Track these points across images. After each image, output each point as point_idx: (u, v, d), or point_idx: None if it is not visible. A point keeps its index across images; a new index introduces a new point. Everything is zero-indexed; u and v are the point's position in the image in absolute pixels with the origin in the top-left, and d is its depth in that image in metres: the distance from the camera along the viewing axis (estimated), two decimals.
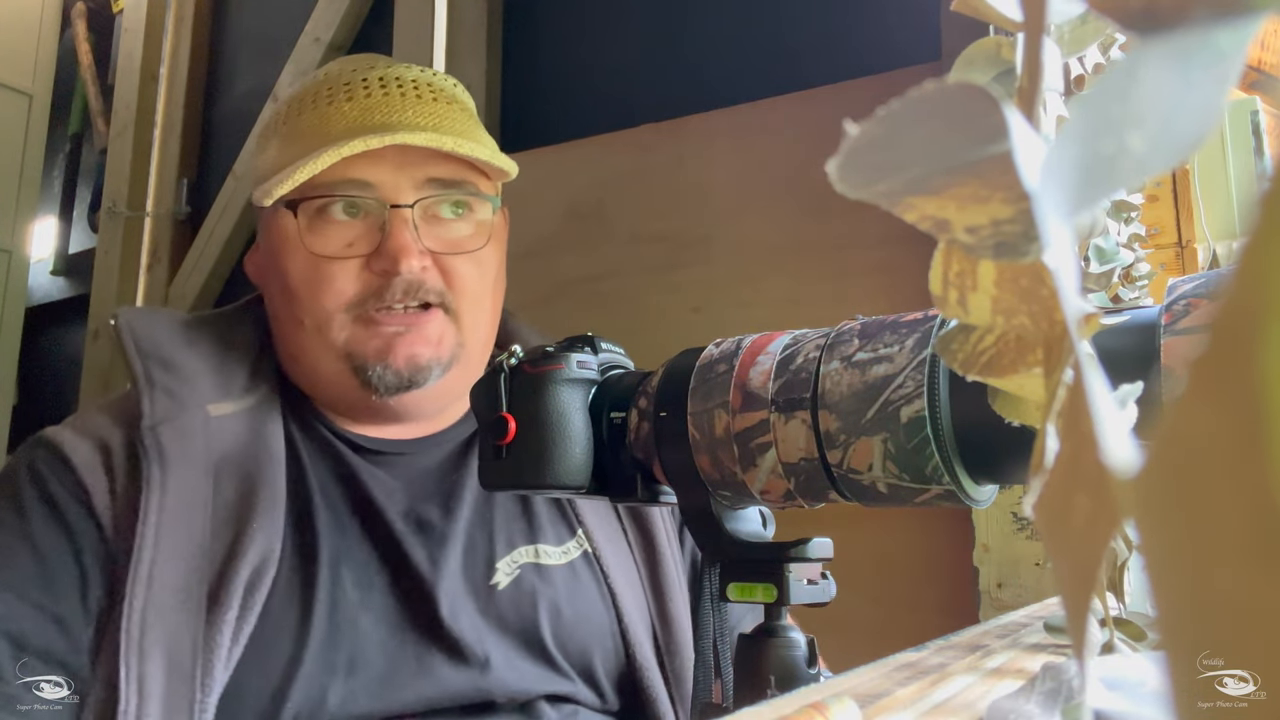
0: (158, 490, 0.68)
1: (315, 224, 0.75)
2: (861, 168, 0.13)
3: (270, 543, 0.69)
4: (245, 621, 0.66)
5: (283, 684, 0.66)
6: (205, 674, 0.64)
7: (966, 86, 0.12)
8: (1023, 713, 0.31)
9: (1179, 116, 0.11)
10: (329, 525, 0.74)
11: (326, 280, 0.75)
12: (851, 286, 1.29)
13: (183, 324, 0.80)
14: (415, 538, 0.75)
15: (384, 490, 0.77)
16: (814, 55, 1.41)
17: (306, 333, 0.76)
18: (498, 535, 0.78)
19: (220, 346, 0.79)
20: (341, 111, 0.77)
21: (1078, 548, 0.11)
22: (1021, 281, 0.15)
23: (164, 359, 0.75)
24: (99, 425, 0.73)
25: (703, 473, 0.51)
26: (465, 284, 0.77)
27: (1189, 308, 0.31)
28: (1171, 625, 0.10)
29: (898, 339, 0.43)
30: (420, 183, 0.76)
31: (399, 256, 0.73)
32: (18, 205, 2.52)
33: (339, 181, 0.75)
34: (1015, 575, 1.07)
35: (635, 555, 0.83)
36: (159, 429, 0.70)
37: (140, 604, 0.65)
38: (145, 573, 0.65)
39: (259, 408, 0.76)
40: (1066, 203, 0.12)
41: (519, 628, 0.74)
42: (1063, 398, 0.13)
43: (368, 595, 0.72)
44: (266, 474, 0.72)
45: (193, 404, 0.73)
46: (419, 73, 0.82)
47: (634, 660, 0.78)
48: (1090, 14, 0.20)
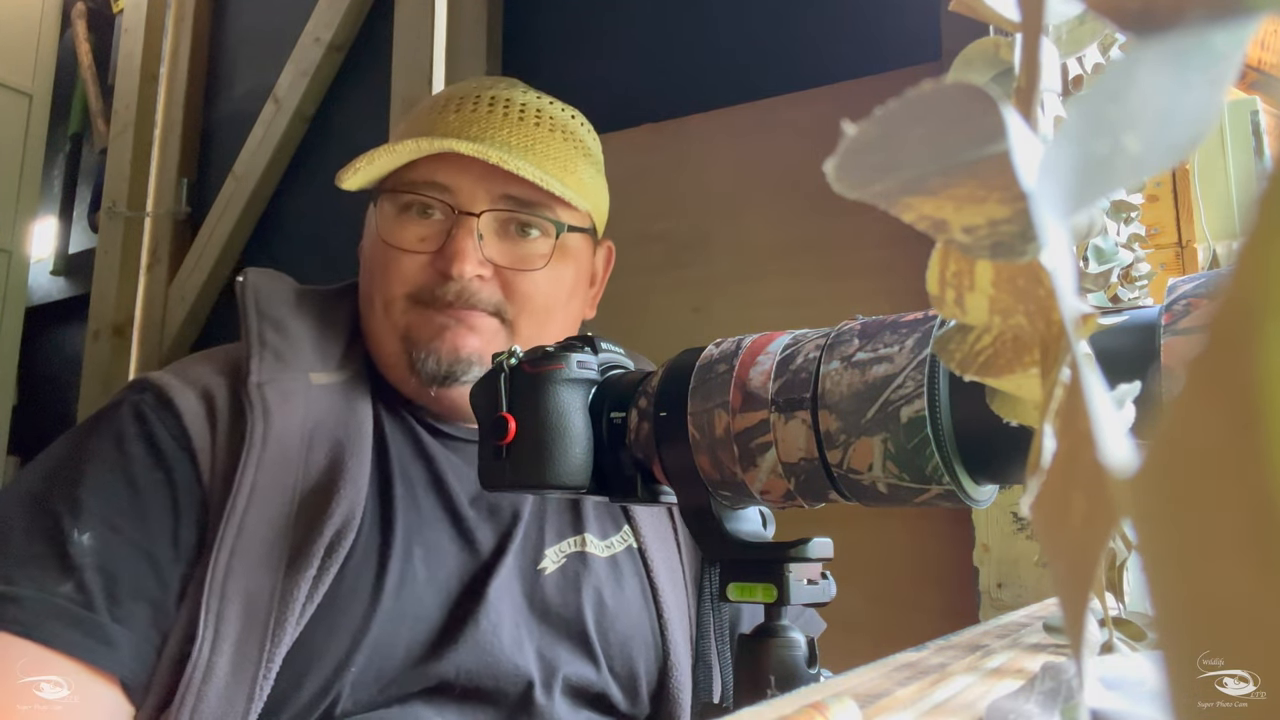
0: (259, 445, 0.71)
1: (395, 216, 0.81)
2: (859, 168, 0.13)
3: (353, 510, 0.72)
4: (322, 581, 0.69)
5: (350, 646, 0.69)
6: (278, 626, 0.67)
7: (964, 87, 0.12)
8: (1022, 713, 0.31)
9: (1176, 117, 0.11)
10: (406, 502, 0.77)
11: (395, 265, 0.80)
12: (851, 286, 1.29)
13: (297, 292, 0.85)
14: (484, 523, 0.79)
15: (458, 474, 0.80)
16: (814, 55, 1.41)
17: (376, 311, 0.81)
18: (549, 525, 0.81)
19: (323, 320, 0.84)
20: (446, 120, 0.82)
21: (1075, 547, 0.11)
22: (1019, 281, 0.15)
23: (278, 322, 0.80)
24: (203, 374, 0.77)
25: (703, 473, 0.51)
26: (526, 299, 0.81)
27: (1189, 308, 0.31)
28: (1169, 625, 0.10)
29: (898, 339, 0.43)
30: (496, 196, 0.80)
31: (454, 260, 0.77)
32: (18, 205, 2.52)
33: (422, 182, 0.80)
34: (1015, 575, 1.07)
35: (682, 555, 0.85)
36: (265, 387, 0.74)
37: (228, 551, 0.68)
38: (236, 522, 0.69)
39: (351, 382, 0.80)
40: (1064, 203, 0.12)
41: (562, 615, 0.77)
42: (1059, 397, 0.13)
43: (434, 572, 0.75)
44: (355, 445, 0.75)
45: (297, 368, 0.77)
46: (535, 99, 0.86)
47: (669, 659, 0.79)
48: (1088, 14, 0.20)
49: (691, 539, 0.84)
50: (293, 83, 2.09)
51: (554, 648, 0.76)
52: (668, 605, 0.81)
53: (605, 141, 0.95)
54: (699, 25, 1.54)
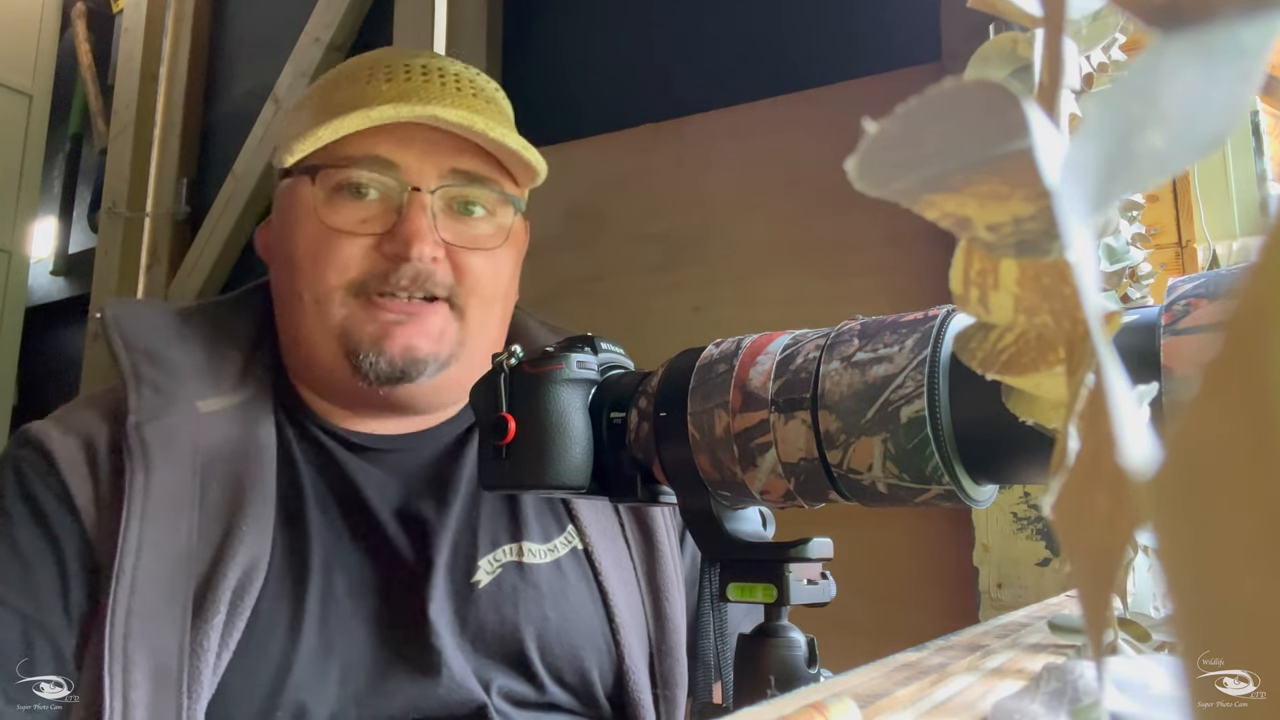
0: (141, 491, 0.66)
1: (332, 196, 0.73)
2: (880, 165, 0.13)
3: (260, 545, 0.67)
4: (234, 626, 0.65)
5: (273, 691, 0.65)
6: (192, 680, 0.62)
7: (986, 83, 0.12)
8: (1027, 713, 0.31)
9: (1202, 113, 0.11)
10: (321, 526, 0.72)
11: (333, 253, 0.72)
12: (851, 286, 1.29)
13: (175, 315, 0.78)
14: (406, 537, 0.73)
15: (376, 487, 0.75)
16: (814, 55, 1.41)
17: (305, 308, 0.74)
18: (482, 531, 0.76)
19: (213, 338, 0.77)
20: (379, 90, 0.75)
21: (1097, 548, 0.11)
22: (1044, 280, 0.15)
23: (151, 353, 0.73)
24: (85, 420, 0.71)
25: (703, 473, 0.50)
26: (477, 282, 0.75)
27: (1189, 307, 0.31)
28: (1187, 628, 0.09)
29: (898, 339, 0.43)
30: (445, 172, 0.74)
31: (411, 241, 0.71)
32: (18, 205, 2.52)
33: (364, 157, 0.73)
34: (1015, 575, 1.07)
35: (632, 553, 0.81)
36: (144, 427, 0.68)
37: (124, 609, 0.63)
38: (128, 579, 0.63)
39: (250, 404, 0.74)
40: (1088, 200, 0.12)
41: (498, 633, 0.72)
42: (1084, 397, 0.13)
43: (360, 601, 0.70)
44: (256, 473, 0.70)
45: (181, 400, 0.71)
46: (462, 68, 0.80)
47: (624, 662, 0.76)
48: (1106, 9, 0.20)
49: (642, 535, 0.82)
50: (293, 83, 2.09)
51: (488, 668, 0.71)
52: (619, 608, 0.76)
53: (605, 141, 0.95)
54: (699, 25, 1.54)
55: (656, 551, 0.82)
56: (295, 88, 2.08)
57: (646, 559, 0.81)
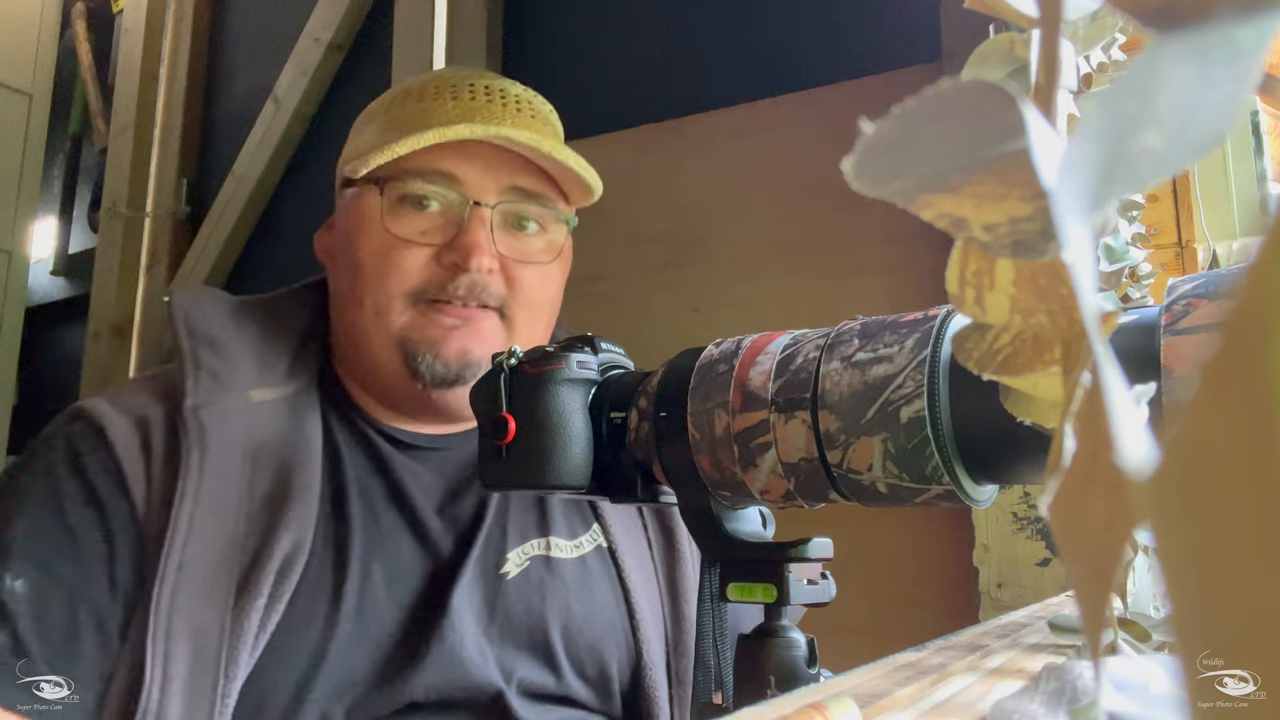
0: (195, 474, 0.68)
1: (397, 206, 0.77)
2: (877, 166, 0.13)
3: (302, 533, 0.70)
4: (273, 610, 0.67)
5: (307, 674, 0.67)
6: (230, 661, 0.64)
7: (983, 84, 0.12)
8: (1026, 713, 0.31)
9: (1199, 114, 0.11)
10: (363, 518, 0.74)
11: (395, 262, 0.76)
12: (851, 286, 1.29)
13: (233, 305, 0.81)
14: (444, 531, 0.76)
15: (419, 484, 0.78)
16: (814, 55, 1.41)
17: (365, 314, 0.77)
18: (511, 526, 0.79)
19: (267, 330, 0.80)
20: (446, 108, 0.78)
21: (1095, 548, 0.11)
22: (1040, 280, 0.15)
23: (212, 340, 0.76)
24: (139, 402, 0.73)
25: (703, 473, 0.50)
26: (528, 295, 0.79)
27: (1189, 308, 0.31)
28: (1186, 628, 0.09)
29: (898, 339, 0.43)
30: (505, 188, 0.78)
31: (470, 252, 0.74)
32: (18, 205, 2.52)
33: (429, 170, 0.76)
34: (1015, 575, 1.07)
35: (653, 552, 0.83)
36: (201, 411, 0.71)
37: (170, 588, 0.65)
38: (177, 556, 0.66)
39: (299, 396, 0.77)
40: (1084, 200, 0.12)
41: (525, 623, 0.75)
42: (1080, 397, 0.13)
43: (395, 590, 0.72)
44: (303, 463, 0.73)
45: (235, 388, 0.74)
46: (521, 90, 0.84)
47: (642, 658, 0.78)
48: (1103, 10, 0.20)
49: (663, 536, 0.84)
50: (293, 82, 2.09)
51: (513, 657, 0.73)
52: (640, 605, 0.79)
53: (605, 141, 0.95)
54: (699, 25, 1.54)
55: (677, 553, 0.84)
56: (295, 87, 2.08)
57: (667, 560, 0.84)
